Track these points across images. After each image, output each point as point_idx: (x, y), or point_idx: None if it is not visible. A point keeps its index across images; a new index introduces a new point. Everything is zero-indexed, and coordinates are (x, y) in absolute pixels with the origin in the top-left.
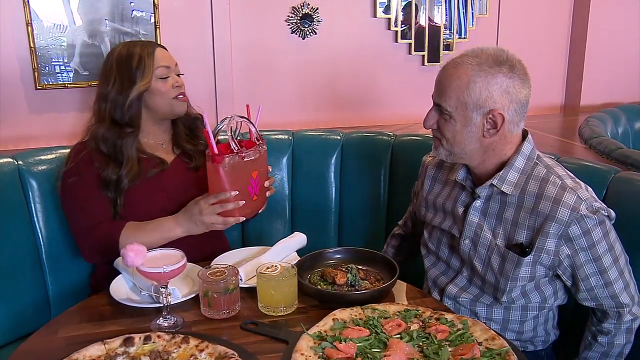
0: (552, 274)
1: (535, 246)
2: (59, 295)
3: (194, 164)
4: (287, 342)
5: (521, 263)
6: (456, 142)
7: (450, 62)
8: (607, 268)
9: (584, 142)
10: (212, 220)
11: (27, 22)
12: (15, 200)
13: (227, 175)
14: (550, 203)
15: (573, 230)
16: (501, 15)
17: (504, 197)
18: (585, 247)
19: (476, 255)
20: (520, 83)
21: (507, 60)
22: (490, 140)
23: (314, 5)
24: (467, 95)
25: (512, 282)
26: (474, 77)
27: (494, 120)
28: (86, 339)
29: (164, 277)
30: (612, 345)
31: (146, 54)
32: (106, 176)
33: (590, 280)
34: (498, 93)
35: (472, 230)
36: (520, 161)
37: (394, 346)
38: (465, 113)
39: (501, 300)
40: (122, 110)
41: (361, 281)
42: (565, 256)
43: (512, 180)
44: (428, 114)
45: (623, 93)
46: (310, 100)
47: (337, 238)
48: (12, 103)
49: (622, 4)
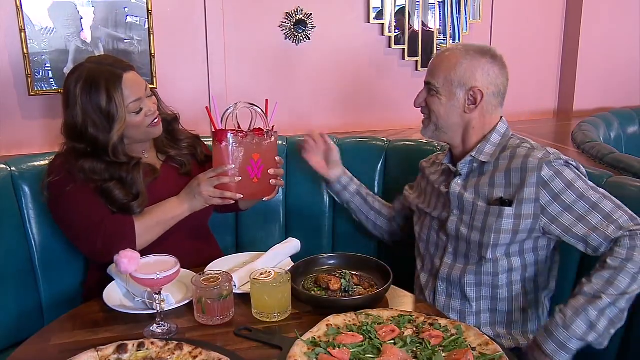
0: (538, 235)
1: (516, 198)
2: (51, 302)
3: (184, 170)
4: (281, 348)
5: (503, 213)
6: (441, 115)
7: (442, 50)
8: (597, 201)
9: (577, 146)
10: (209, 192)
11: (20, 27)
12: (7, 206)
13: (225, 151)
14: (522, 158)
15: (546, 173)
16: (494, 21)
17: (482, 168)
18: (563, 188)
19: (462, 224)
20: (500, 71)
21: (490, 52)
22: (470, 116)
23: (308, 11)
24: (454, 74)
25: (495, 234)
26: (461, 59)
27: (474, 96)
28: (79, 346)
29: (157, 283)
30: (620, 271)
31: (114, 89)
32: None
33: (582, 214)
34: (480, 74)
35: (455, 200)
36: (496, 137)
37: (387, 352)
38: (451, 89)
39: (486, 257)
40: (104, 150)
41: (355, 287)
42: (547, 202)
43: (488, 152)
44: (419, 94)
45: (616, 98)
46: (303, 106)
47: (331, 244)
48: (5, 109)
49: (614, 9)
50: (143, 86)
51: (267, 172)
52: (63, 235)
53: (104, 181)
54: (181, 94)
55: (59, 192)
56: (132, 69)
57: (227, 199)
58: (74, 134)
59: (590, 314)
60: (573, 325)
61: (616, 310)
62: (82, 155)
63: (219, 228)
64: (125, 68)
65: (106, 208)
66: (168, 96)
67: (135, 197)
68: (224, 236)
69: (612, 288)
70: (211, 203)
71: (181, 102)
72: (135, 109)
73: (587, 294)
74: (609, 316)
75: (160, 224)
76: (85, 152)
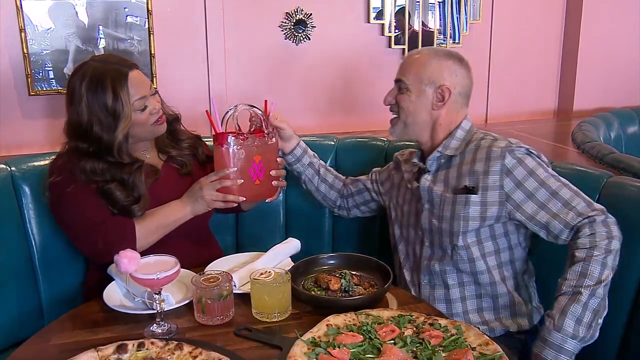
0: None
1: (481, 185)
2: (52, 302)
3: (185, 170)
4: (281, 348)
5: (470, 201)
6: (410, 112)
7: (412, 52)
8: (557, 189)
9: (577, 146)
10: (212, 196)
11: (20, 27)
12: (8, 206)
13: (226, 154)
14: (485, 149)
15: (508, 161)
16: (494, 21)
17: (449, 162)
18: (525, 176)
19: (433, 216)
20: (466, 73)
21: (457, 55)
22: (437, 113)
23: (308, 11)
24: (423, 72)
25: (463, 221)
26: (430, 60)
27: (442, 94)
28: (79, 346)
29: (157, 283)
30: (589, 261)
31: (120, 87)
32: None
33: (543, 202)
34: (447, 73)
35: (426, 194)
36: (461, 133)
37: (387, 352)
38: (420, 86)
39: (458, 245)
40: (108, 150)
41: (355, 287)
42: (511, 189)
43: (454, 146)
44: (389, 92)
45: (616, 98)
46: (303, 106)
47: (331, 244)
48: (6, 109)
49: (614, 9)
50: (148, 84)
51: (269, 173)
52: (63, 236)
53: (105, 182)
54: (181, 94)
55: (60, 192)
56: (137, 68)
57: (229, 202)
58: (77, 133)
59: (574, 310)
60: (563, 325)
61: (597, 300)
62: (84, 155)
63: (219, 228)
64: (130, 66)
65: (107, 209)
66: (168, 96)
67: (136, 199)
68: (224, 236)
69: (587, 279)
70: (213, 207)
71: (181, 102)
72: (140, 106)
73: (566, 292)
74: (592, 307)
75: (161, 228)
76: (87, 151)
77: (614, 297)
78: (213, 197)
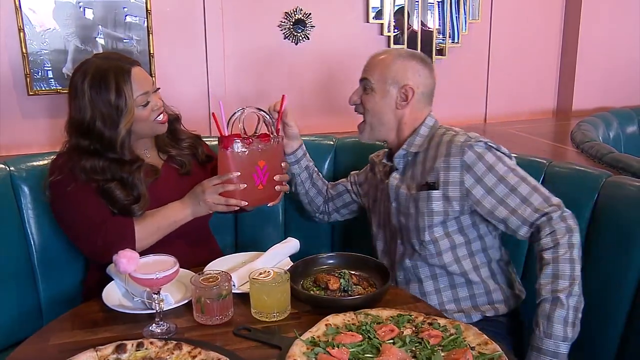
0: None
1: (442, 180)
2: (51, 302)
3: (184, 170)
4: (280, 348)
5: (432, 197)
6: (375, 112)
7: (375, 53)
8: (516, 185)
9: (576, 146)
10: (214, 199)
11: (19, 27)
12: (7, 206)
13: (231, 158)
14: (446, 144)
15: (468, 157)
16: (493, 20)
17: (415, 159)
18: (485, 171)
19: (401, 214)
20: (429, 73)
21: (420, 56)
22: (401, 113)
23: (307, 11)
24: (388, 72)
25: (427, 217)
26: (394, 60)
27: (405, 94)
28: (78, 346)
29: (156, 283)
30: (557, 261)
31: (123, 82)
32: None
33: (502, 197)
34: (411, 73)
35: (393, 192)
36: (425, 129)
37: (386, 351)
38: (385, 86)
39: (425, 240)
40: (111, 146)
41: (354, 286)
42: (471, 185)
43: (418, 143)
44: (354, 92)
45: (615, 97)
46: (303, 106)
47: (330, 243)
48: (4, 109)
49: (613, 9)
50: (150, 81)
51: (272, 178)
52: (62, 236)
53: (105, 181)
54: (180, 94)
55: (60, 191)
56: (138, 65)
57: (231, 206)
58: (80, 130)
59: (559, 315)
60: (553, 331)
61: (575, 298)
62: (84, 153)
63: (218, 228)
64: (132, 63)
65: (107, 209)
66: (167, 96)
67: (136, 199)
68: (224, 236)
69: (561, 281)
70: (215, 210)
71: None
72: (143, 102)
73: (547, 299)
74: (573, 305)
75: (162, 229)
76: (88, 149)
77: (613, 297)
78: (215, 200)
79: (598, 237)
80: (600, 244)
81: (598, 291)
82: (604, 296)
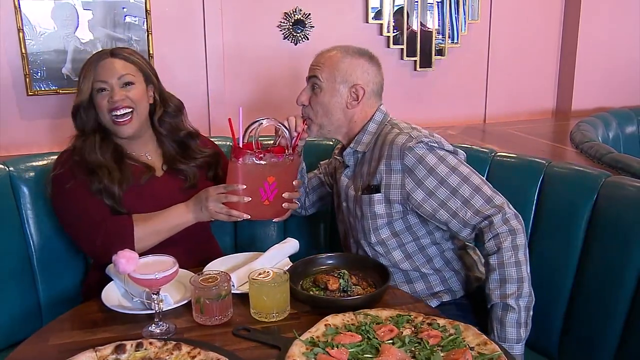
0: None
1: (384, 183)
2: (50, 303)
3: (189, 184)
4: (280, 348)
5: (374, 201)
6: (324, 112)
7: (323, 51)
8: (457, 187)
9: (575, 146)
10: (216, 208)
11: (18, 27)
12: (6, 206)
13: (240, 170)
14: (387, 145)
15: (408, 160)
16: (492, 20)
17: (363, 158)
18: (425, 174)
19: (350, 213)
20: (377, 70)
21: (368, 53)
22: (352, 112)
23: (306, 11)
24: (337, 71)
25: (372, 220)
26: (342, 58)
27: (356, 93)
28: (77, 346)
29: (156, 283)
30: (503, 266)
31: (91, 63)
32: (95, 188)
33: (443, 200)
34: (360, 72)
35: (344, 193)
36: (373, 126)
37: (386, 352)
38: (334, 85)
39: (372, 241)
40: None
41: (353, 287)
42: (411, 188)
43: (365, 141)
44: (302, 92)
45: (614, 98)
46: None
47: (329, 243)
48: (4, 109)
49: (613, 9)
50: (117, 73)
51: (280, 195)
52: (62, 236)
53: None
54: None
55: (61, 186)
56: (123, 58)
57: (233, 217)
58: (75, 117)
59: (511, 318)
60: (507, 335)
61: (526, 298)
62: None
63: (218, 228)
64: (115, 54)
65: (106, 207)
66: None
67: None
68: (223, 236)
69: (509, 285)
70: (216, 218)
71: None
72: (97, 87)
73: (497, 304)
74: (523, 306)
75: (162, 232)
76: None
77: (612, 296)
78: (217, 209)
79: (597, 237)
80: (600, 244)
81: (597, 291)
82: (603, 296)
